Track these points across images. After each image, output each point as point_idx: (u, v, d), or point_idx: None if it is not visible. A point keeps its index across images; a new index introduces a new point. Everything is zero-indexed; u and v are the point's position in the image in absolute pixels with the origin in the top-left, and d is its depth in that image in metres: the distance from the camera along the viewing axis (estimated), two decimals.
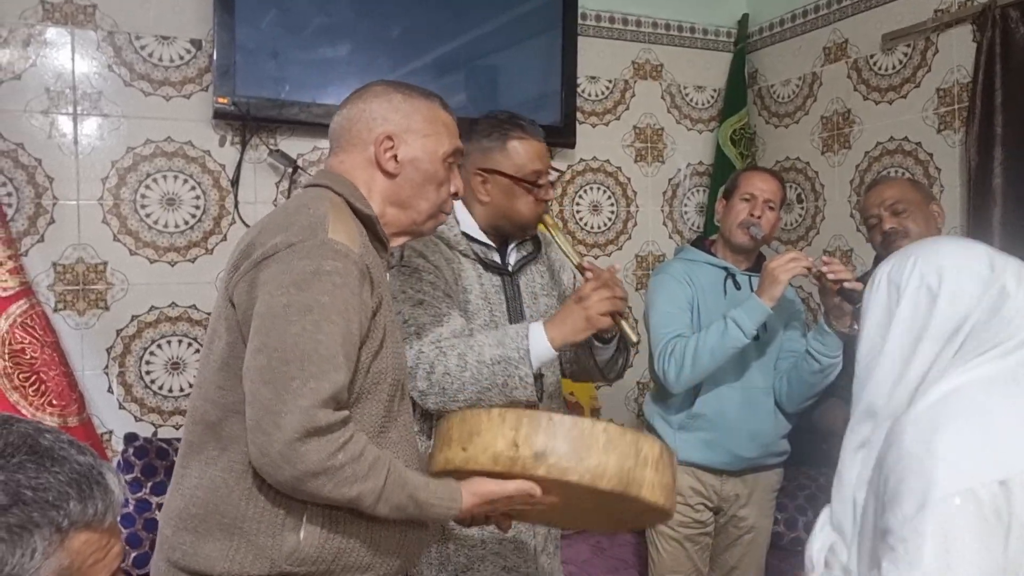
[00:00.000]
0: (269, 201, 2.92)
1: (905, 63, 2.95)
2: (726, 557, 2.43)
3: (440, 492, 1.29)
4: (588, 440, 1.24)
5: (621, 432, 1.26)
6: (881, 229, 2.19)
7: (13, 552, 0.63)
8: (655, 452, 1.28)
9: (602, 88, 3.48)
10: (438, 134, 1.43)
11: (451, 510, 1.30)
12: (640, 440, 1.27)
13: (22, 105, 2.63)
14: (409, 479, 1.25)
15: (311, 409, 1.14)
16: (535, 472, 1.24)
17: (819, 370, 2.18)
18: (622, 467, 1.24)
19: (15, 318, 2.37)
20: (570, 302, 1.71)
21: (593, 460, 1.23)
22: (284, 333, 1.17)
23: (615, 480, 1.23)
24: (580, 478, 1.23)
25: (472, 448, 1.28)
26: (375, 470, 1.20)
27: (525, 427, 1.25)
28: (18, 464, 0.66)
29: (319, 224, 1.25)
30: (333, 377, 1.17)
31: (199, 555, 1.26)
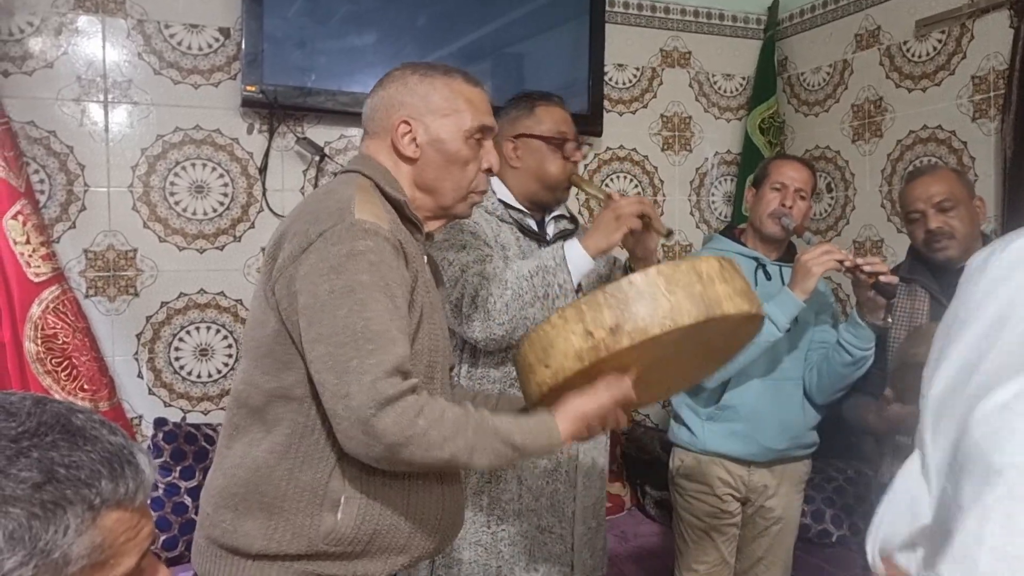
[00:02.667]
0: (296, 189, 2.93)
1: (939, 50, 2.90)
2: (753, 548, 2.41)
3: (535, 430, 1.27)
4: (650, 291, 1.21)
5: (674, 266, 1.23)
6: (925, 226, 2.08)
7: (47, 528, 0.64)
8: (715, 266, 1.25)
9: (629, 76, 3.45)
10: (459, 112, 1.40)
11: (552, 441, 1.28)
12: (695, 263, 1.24)
13: (54, 93, 2.66)
14: (500, 427, 1.24)
15: (375, 383, 1.14)
16: (620, 346, 1.21)
17: (851, 362, 2.15)
18: (693, 296, 1.21)
19: (48, 304, 2.40)
20: (601, 212, 1.75)
21: (664, 305, 1.20)
22: (334, 318, 1.18)
23: (695, 310, 1.20)
24: (662, 327, 1.20)
25: (553, 360, 1.26)
26: (461, 427, 1.20)
27: (588, 312, 1.23)
28: (52, 442, 0.67)
29: (345, 207, 1.25)
30: (391, 349, 1.17)
31: (238, 532, 1.28)
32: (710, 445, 2.30)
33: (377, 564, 1.31)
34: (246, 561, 1.28)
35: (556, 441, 1.28)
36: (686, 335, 1.24)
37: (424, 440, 1.16)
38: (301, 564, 1.27)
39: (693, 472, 2.35)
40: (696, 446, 2.33)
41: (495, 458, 1.23)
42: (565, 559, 1.87)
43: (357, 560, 1.29)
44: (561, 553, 1.86)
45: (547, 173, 1.89)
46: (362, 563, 1.30)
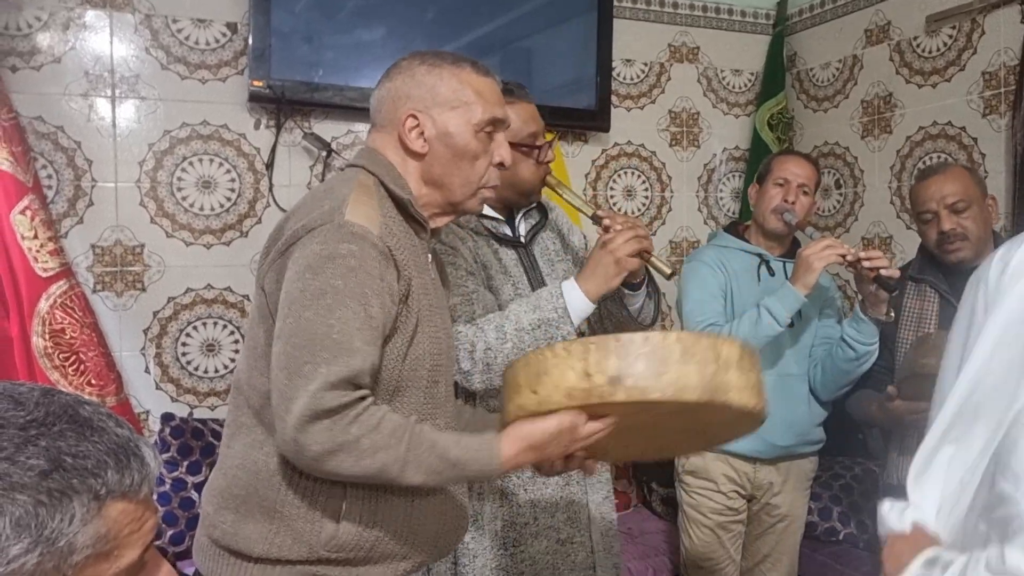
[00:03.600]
0: (303, 184, 2.93)
1: (949, 45, 2.88)
2: (759, 545, 2.41)
3: (475, 446, 1.20)
4: (663, 354, 1.14)
5: (695, 338, 1.17)
6: (938, 228, 2.05)
7: (53, 516, 0.64)
8: (735, 352, 1.17)
9: (637, 71, 3.44)
10: (468, 104, 1.34)
11: (491, 463, 1.20)
12: (718, 343, 1.17)
13: (62, 88, 2.66)
14: (438, 440, 1.18)
15: (319, 392, 1.12)
16: (614, 398, 1.15)
17: (854, 357, 2.15)
18: (704, 374, 1.14)
19: (55, 299, 2.41)
20: (596, 251, 1.67)
21: (672, 373, 1.13)
22: (299, 318, 1.16)
23: (699, 390, 1.13)
24: (663, 394, 1.13)
25: (543, 388, 1.19)
26: (396, 437, 1.16)
27: (594, 354, 1.16)
28: (59, 432, 0.67)
29: (337, 207, 1.22)
30: (346, 361, 1.14)
31: (239, 535, 1.27)
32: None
33: (379, 570, 1.30)
34: (248, 564, 1.27)
35: (495, 463, 1.20)
36: (682, 410, 1.19)
37: (354, 449, 1.13)
38: (303, 568, 1.26)
39: (699, 469, 2.35)
40: None
41: (428, 474, 1.18)
42: (588, 563, 1.86)
43: (359, 566, 1.28)
44: (584, 558, 1.85)
45: (520, 180, 1.78)
46: (364, 570, 1.28)
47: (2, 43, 2.57)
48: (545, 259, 1.89)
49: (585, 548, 1.85)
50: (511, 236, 1.87)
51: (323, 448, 1.12)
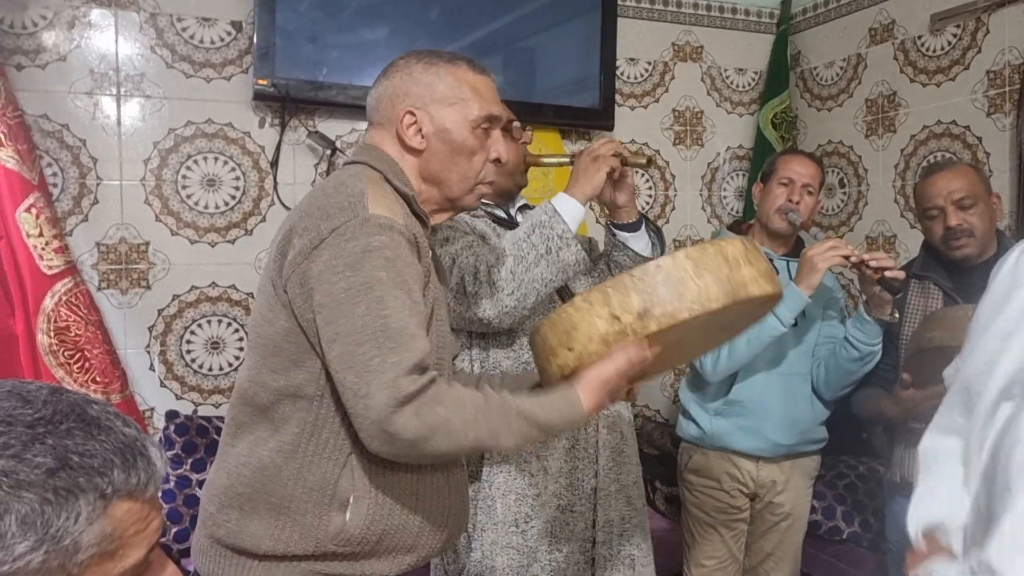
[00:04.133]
0: (308, 183, 2.93)
1: (954, 44, 2.88)
2: (762, 543, 2.41)
3: (558, 405, 1.24)
4: (678, 274, 1.20)
5: (701, 249, 1.22)
6: (944, 223, 2.04)
7: (59, 514, 0.64)
8: (739, 248, 1.24)
9: (641, 70, 3.44)
10: (464, 100, 1.36)
11: (577, 415, 1.25)
12: (722, 245, 1.23)
13: (67, 86, 2.67)
14: (522, 406, 1.22)
15: (396, 380, 1.12)
16: (648, 331, 1.20)
17: (858, 358, 2.14)
18: (720, 279, 1.20)
19: (60, 296, 2.42)
20: (575, 161, 1.73)
21: (693, 289, 1.19)
22: (351, 316, 1.16)
23: (722, 295, 1.20)
24: (691, 312, 1.19)
25: (577, 343, 1.23)
26: (481, 411, 1.18)
27: (614, 296, 1.21)
28: (66, 431, 0.67)
29: (358, 202, 1.23)
30: (411, 346, 1.15)
31: (244, 533, 1.27)
32: (718, 440, 2.30)
33: (385, 564, 1.30)
34: (252, 561, 1.27)
35: (580, 414, 1.25)
36: (711, 317, 1.23)
37: (447, 428, 1.14)
38: (308, 564, 1.26)
39: (701, 467, 2.35)
40: (704, 441, 2.32)
41: (520, 438, 1.21)
42: (586, 535, 1.86)
43: (365, 560, 1.28)
44: (582, 530, 1.85)
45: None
46: (370, 563, 1.29)
47: (7, 41, 2.58)
48: None
49: (585, 519, 1.85)
50: (507, 219, 1.90)
51: (416, 434, 1.13)
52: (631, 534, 1.92)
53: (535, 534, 1.80)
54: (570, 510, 1.83)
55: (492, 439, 1.18)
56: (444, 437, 1.15)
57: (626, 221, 1.85)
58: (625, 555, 1.91)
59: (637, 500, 1.96)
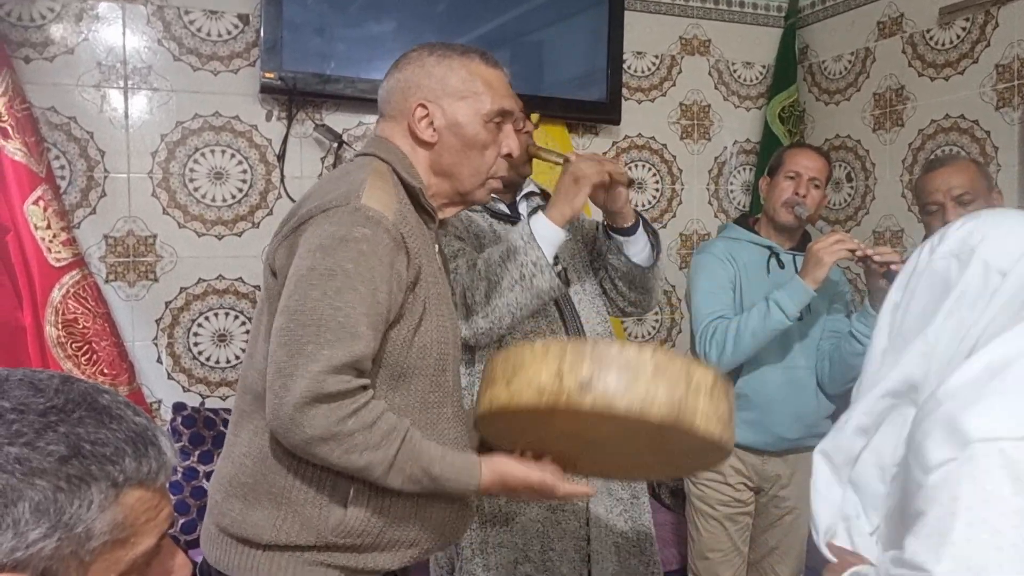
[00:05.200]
0: (314, 176, 2.94)
1: (963, 38, 2.87)
2: (766, 537, 2.41)
3: (458, 466, 1.24)
4: (636, 367, 1.14)
5: (670, 358, 1.17)
6: (943, 219, 2.02)
7: (71, 502, 0.64)
8: (708, 379, 1.17)
9: (648, 64, 3.43)
10: (477, 94, 1.36)
11: (468, 486, 1.25)
12: (692, 366, 1.17)
13: (75, 79, 2.67)
14: (425, 451, 1.22)
15: (321, 375, 1.13)
16: (581, 405, 1.15)
17: (862, 352, 2.12)
18: (673, 395, 1.14)
19: (68, 288, 2.43)
20: (559, 178, 1.69)
21: (641, 388, 1.13)
22: (305, 297, 1.16)
23: (665, 409, 1.13)
24: (628, 408, 1.13)
25: (516, 383, 1.20)
26: (388, 440, 1.18)
27: (569, 356, 1.16)
28: (78, 419, 0.67)
29: (353, 191, 1.23)
30: (349, 345, 1.15)
31: (247, 522, 1.28)
32: None
33: (387, 556, 1.30)
34: (256, 551, 1.27)
35: (473, 485, 1.25)
36: (647, 430, 1.18)
37: (347, 442, 1.15)
38: (311, 555, 1.26)
39: None
40: None
41: (408, 482, 1.21)
42: (580, 533, 1.86)
43: (367, 552, 1.29)
44: (576, 528, 1.85)
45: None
46: (373, 556, 1.29)
47: (15, 34, 2.59)
48: None
49: (578, 517, 1.85)
50: (508, 213, 1.88)
51: (316, 433, 1.13)
52: (614, 523, 1.92)
53: (524, 532, 1.80)
54: (561, 509, 1.83)
55: (383, 470, 1.18)
56: (340, 448, 1.15)
57: (622, 225, 1.83)
58: (611, 544, 1.90)
59: (621, 491, 1.95)
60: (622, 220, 1.81)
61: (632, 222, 1.84)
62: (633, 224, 1.84)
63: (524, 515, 1.80)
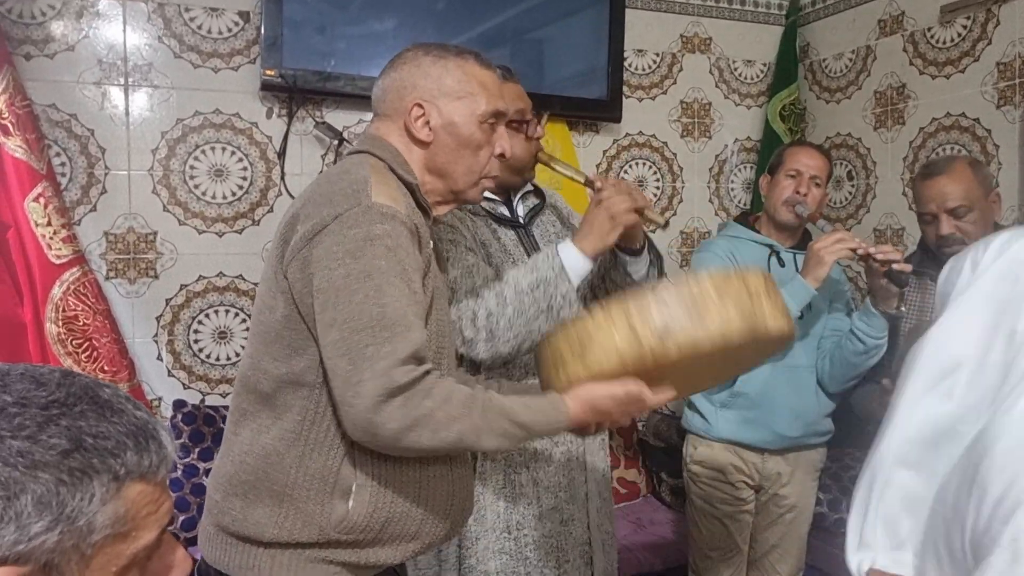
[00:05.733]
0: (315, 173, 2.93)
1: (964, 36, 2.86)
2: (767, 535, 2.41)
3: (544, 408, 1.24)
4: (701, 298, 1.15)
5: (724, 276, 1.18)
6: (937, 231, 2.03)
7: (73, 495, 0.65)
8: (760, 280, 1.20)
9: (649, 62, 3.43)
10: (473, 95, 1.36)
11: (559, 422, 1.25)
12: (744, 276, 1.19)
13: (75, 76, 2.67)
14: (507, 406, 1.22)
15: (389, 370, 1.13)
16: (667, 355, 1.15)
17: (863, 351, 2.14)
18: (742, 310, 1.15)
19: (68, 285, 2.43)
20: (590, 210, 1.67)
21: (715, 315, 1.14)
22: (349, 303, 1.16)
23: (743, 326, 1.15)
24: (712, 339, 1.14)
25: (591, 356, 1.19)
26: (468, 408, 1.18)
27: (634, 311, 1.16)
28: (80, 412, 0.67)
29: (361, 189, 1.23)
30: (407, 336, 1.16)
31: (248, 520, 1.27)
32: (724, 433, 2.30)
33: (389, 551, 1.30)
34: (257, 549, 1.27)
35: (563, 423, 1.25)
36: (728, 348, 1.19)
37: (431, 422, 1.15)
38: (313, 552, 1.26)
39: (707, 460, 2.35)
40: (710, 434, 2.33)
41: (503, 439, 1.21)
42: (584, 538, 1.87)
43: (369, 548, 1.29)
44: (581, 533, 1.86)
45: (513, 156, 1.73)
46: (374, 551, 1.29)
47: (16, 31, 2.59)
48: (545, 240, 1.90)
49: (582, 524, 1.86)
50: (509, 217, 1.88)
51: (400, 425, 1.13)
52: (601, 522, 1.93)
53: (530, 542, 1.80)
54: (571, 520, 1.84)
55: (474, 436, 1.19)
56: (427, 430, 1.15)
57: (630, 247, 1.82)
58: (600, 542, 1.92)
59: (605, 491, 1.96)
60: (632, 242, 1.80)
61: (641, 244, 1.83)
62: (640, 246, 1.83)
63: (537, 531, 1.80)
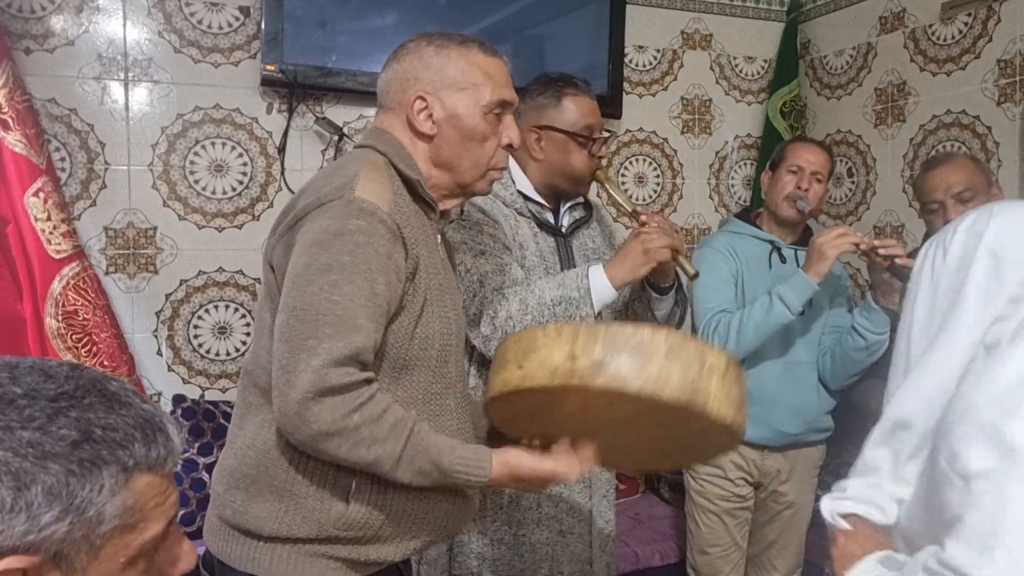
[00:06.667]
0: (315, 169, 2.93)
1: (965, 33, 2.86)
2: (765, 532, 2.42)
3: (468, 458, 1.23)
4: (649, 348, 1.13)
5: (684, 340, 1.16)
6: (944, 217, 2.04)
7: (83, 486, 0.65)
8: (721, 363, 1.17)
9: (650, 58, 3.43)
10: (476, 85, 1.34)
11: (478, 479, 1.24)
12: (704, 349, 1.17)
13: (75, 71, 2.67)
14: (434, 444, 1.21)
15: (323, 368, 1.12)
16: (594, 383, 1.14)
17: (864, 347, 2.14)
18: (685, 377, 1.13)
19: (68, 280, 2.42)
20: (628, 241, 1.69)
21: (654, 368, 1.12)
22: (303, 292, 1.16)
23: (678, 390, 1.12)
24: (641, 388, 1.12)
25: (528, 364, 1.19)
26: (395, 433, 1.17)
27: (583, 337, 1.16)
28: (89, 404, 0.68)
29: (347, 184, 1.23)
30: (350, 337, 1.15)
31: (249, 514, 1.28)
32: None
33: (390, 548, 1.31)
34: (258, 542, 1.28)
35: (483, 477, 1.24)
36: (659, 412, 1.18)
37: (353, 435, 1.14)
38: (313, 547, 1.27)
39: None
40: None
41: (417, 476, 1.20)
42: (585, 556, 1.87)
43: (369, 544, 1.29)
44: (582, 550, 1.87)
45: (572, 168, 1.82)
46: (374, 547, 1.29)
47: (16, 25, 2.58)
48: (582, 253, 1.91)
49: (583, 540, 1.86)
50: (553, 224, 1.89)
51: (323, 428, 1.13)
52: (605, 544, 1.94)
53: (534, 554, 1.80)
54: (570, 533, 1.85)
55: (390, 463, 1.18)
56: (347, 443, 1.14)
57: (660, 284, 1.84)
58: (603, 564, 1.93)
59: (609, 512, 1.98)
60: (662, 279, 1.82)
61: (670, 283, 1.84)
62: (670, 285, 1.85)
63: (533, 536, 1.80)
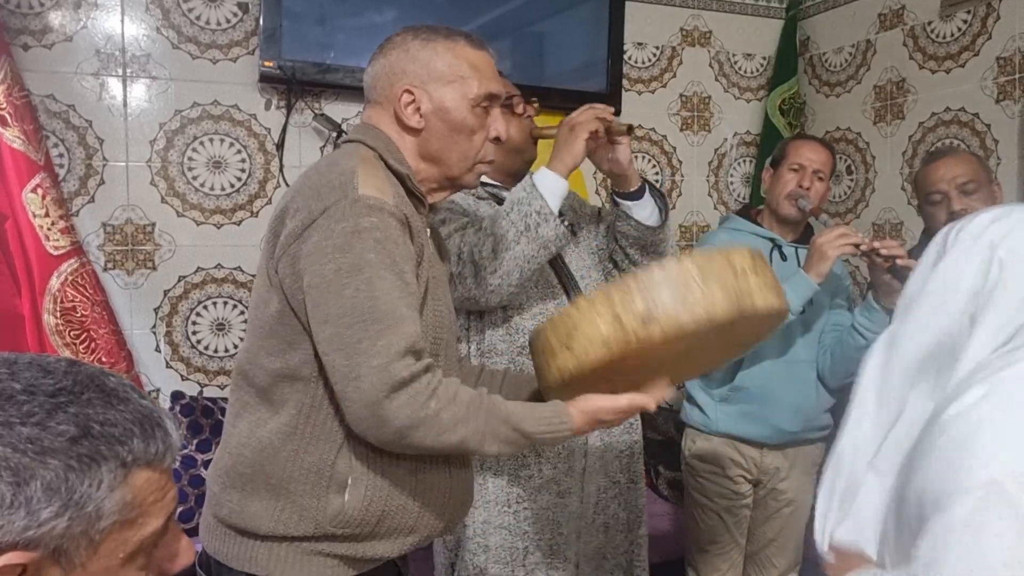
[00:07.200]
0: None
1: (964, 30, 2.86)
2: (764, 530, 2.41)
3: (548, 416, 1.24)
4: (683, 278, 1.15)
5: (708, 256, 1.18)
6: (948, 208, 2.03)
7: (82, 481, 0.65)
8: (747, 258, 1.19)
9: (649, 55, 3.42)
10: (463, 78, 1.33)
11: (563, 433, 1.25)
12: (728, 254, 1.19)
13: (73, 67, 2.66)
14: (512, 411, 1.22)
15: (387, 366, 1.12)
16: (652, 339, 1.15)
17: (865, 346, 2.14)
18: (726, 288, 1.15)
19: (66, 276, 2.42)
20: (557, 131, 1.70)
21: (698, 295, 1.14)
22: (340, 298, 1.15)
23: (726, 304, 1.15)
24: (695, 319, 1.14)
25: (578, 344, 1.20)
26: (473, 410, 1.18)
27: (616, 296, 1.17)
28: (87, 400, 0.68)
29: (348, 182, 1.22)
30: (401, 329, 1.15)
31: (245, 513, 1.28)
32: (723, 427, 2.30)
33: (386, 545, 1.30)
34: (255, 541, 1.27)
35: (567, 432, 1.26)
36: (715, 330, 1.19)
37: (435, 422, 1.14)
38: (310, 545, 1.26)
39: (705, 454, 2.35)
40: (709, 427, 2.33)
41: (505, 445, 1.21)
42: (579, 512, 1.86)
43: (366, 541, 1.28)
44: (576, 507, 1.86)
45: (510, 139, 1.75)
46: (371, 544, 1.29)
47: (14, 21, 2.57)
48: None
49: (577, 497, 1.86)
50: None
51: (404, 423, 1.13)
52: (607, 504, 1.92)
53: (528, 516, 1.80)
54: (568, 493, 1.84)
55: (478, 440, 1.18)
56: (431, 430, 1.15)
57: (627, 189, 1.83)
58: (600, 523, 1.91)
59: (619, 475, 1.95)
60: (627, 184, 1.81)
61: (637, 186, 1.83)
62: (639, 188, 1.84)
63: (536, 503, 1.80)
